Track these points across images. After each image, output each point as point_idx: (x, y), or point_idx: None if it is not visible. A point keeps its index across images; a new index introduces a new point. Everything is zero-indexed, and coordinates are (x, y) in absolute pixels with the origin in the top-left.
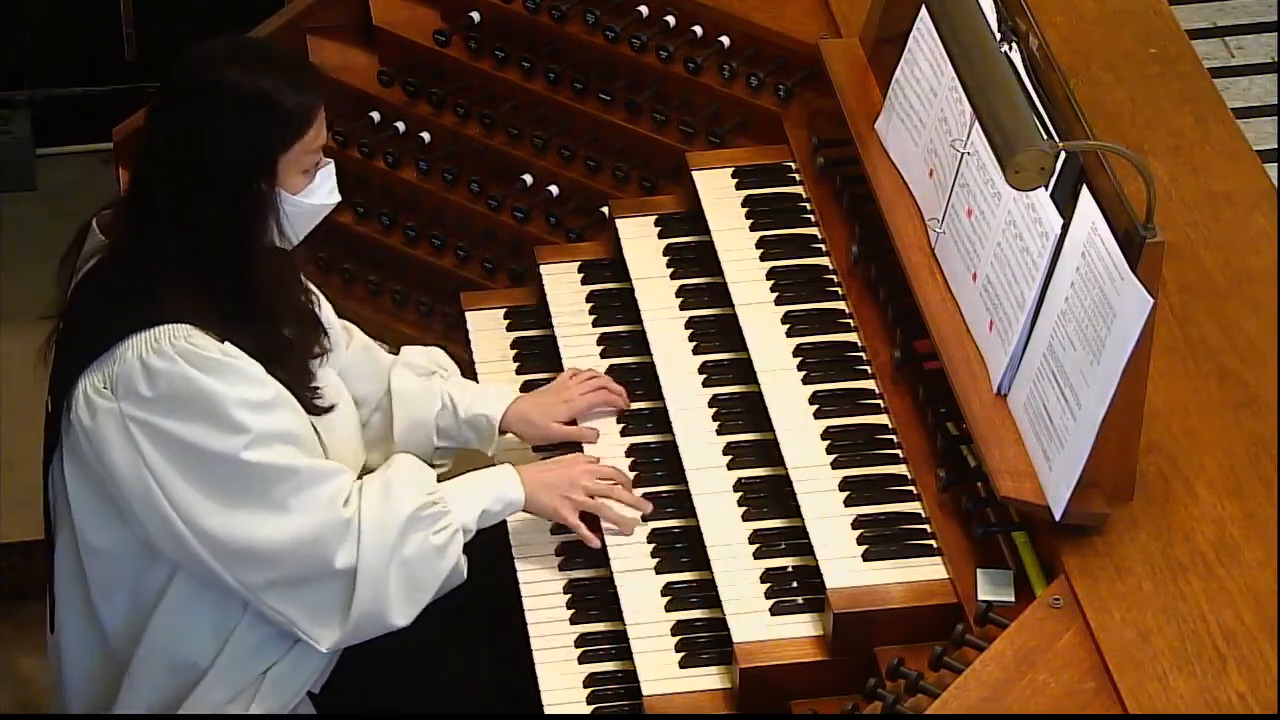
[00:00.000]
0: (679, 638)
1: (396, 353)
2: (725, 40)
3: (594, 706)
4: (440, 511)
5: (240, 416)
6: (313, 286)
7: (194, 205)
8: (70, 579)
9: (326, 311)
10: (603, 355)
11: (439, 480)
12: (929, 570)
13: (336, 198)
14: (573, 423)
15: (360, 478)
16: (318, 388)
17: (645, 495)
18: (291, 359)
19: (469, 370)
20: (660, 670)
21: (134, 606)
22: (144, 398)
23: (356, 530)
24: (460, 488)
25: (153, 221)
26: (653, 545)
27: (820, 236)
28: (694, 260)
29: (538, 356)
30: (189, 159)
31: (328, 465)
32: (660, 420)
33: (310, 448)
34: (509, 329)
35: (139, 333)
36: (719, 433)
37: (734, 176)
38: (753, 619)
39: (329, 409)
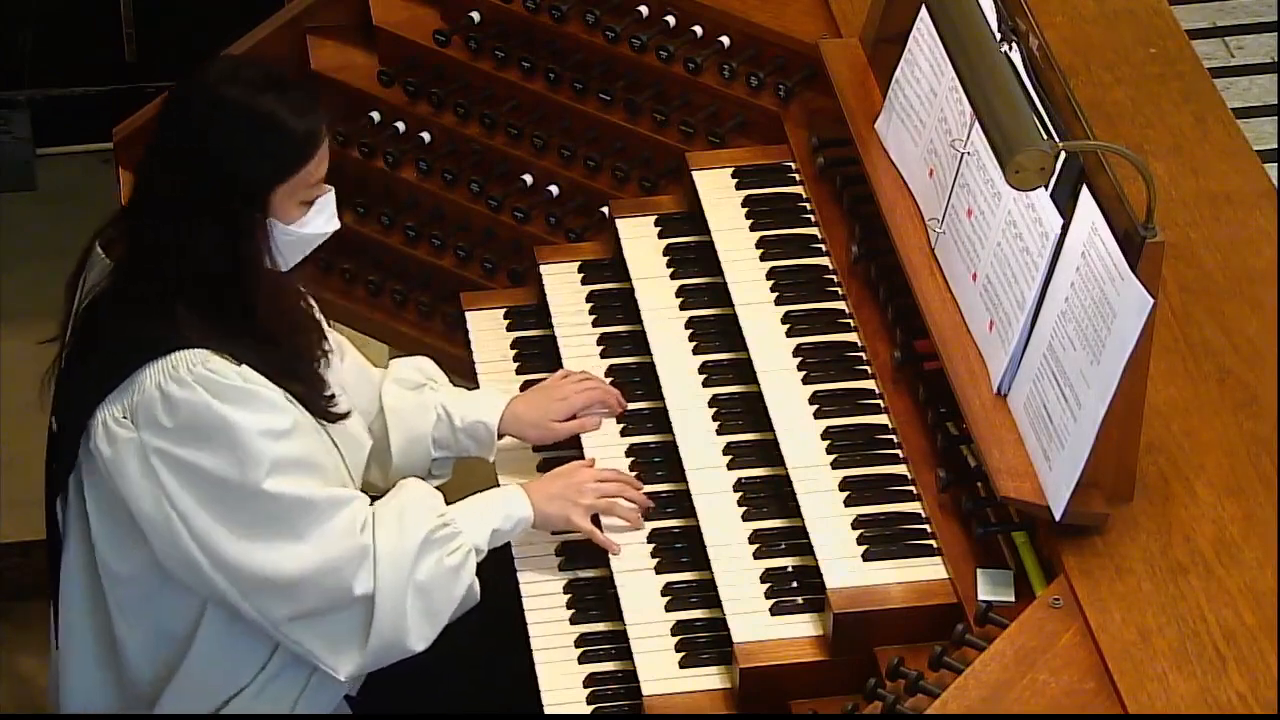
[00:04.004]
0: (679, 638)
1: (392, 358)
2: (725, 40)
3: (594, 706)
4: (452, 533)
5: (260, 446)
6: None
7: (193, 225)
8: (79, 601)
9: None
10: (603, 355)
11: (440, 493)
12: (929, 570)
13: (333, 226)
14: (571, 419)
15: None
16: (333, 395)
17: (645, 495)
18: (302, 369)
19: (469, 370)
20: (660, 670)
21: (159, 636)
22: (164, 428)
23: (373, 558)
24: (469, 508)
25: (154, 243)
26: (653, 545)
27: (820, 236)
28: (694, 260)
29: (538, 356)
30: (189, 174)
31: (343, 493)
32: (660, 420)
33: (329, 470)
34: (509, 329)
35: (156, 361)
36: (719, 433)
37: (734, 176)
38: (753, 619)
39: (346, 414)
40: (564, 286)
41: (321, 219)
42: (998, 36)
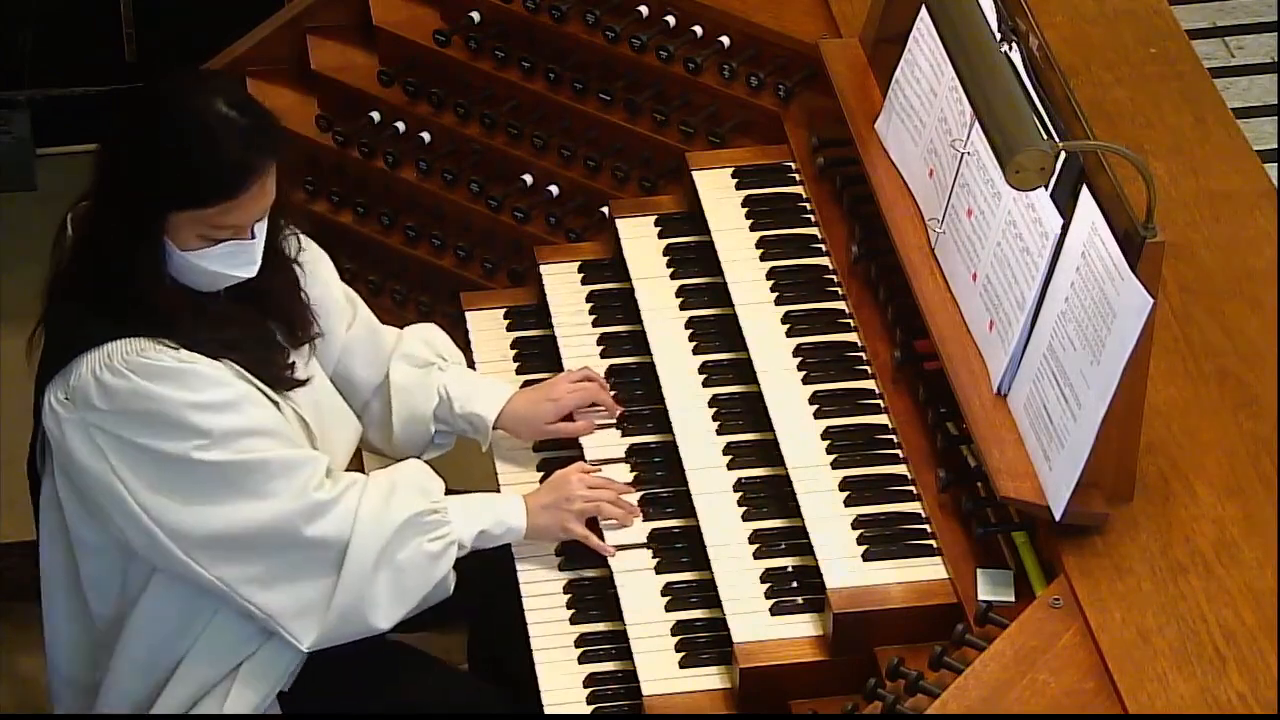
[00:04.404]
0: (679, 638)
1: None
2: (725, 40)
3: (594, 706)
4: (440, 520)
5: (196, 420)
6: (312, 252)
7: (107, 217)
8: (58, 576)
9: (329, 278)
10: (603, 355)
11: (442, 480)
12: (929, 570)
13: (241, 274)
14: (568, 418)
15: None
16: (293, 363)
17: (645, 495)
18: (247, 343)
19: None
20: (660, 670)
21: (122, 599)
22: (101, 410)
23: (349, 518)
24: (463, 504)
25: (87, 231)
26: (653, 545)
27: (820, 236)
28: (694, 260)
29: (538, 356)
30: (117, 166)
31: (298, 454)
32: (660, 420)
33: (284, 437)
34: (509, 329)
35: (92, 349)
36: (719, 433)
37: (734, 176)
38: (753, 619)
39: (304, 381)
40: (564, 286)
41: (224, 261)
42: (998, 36)
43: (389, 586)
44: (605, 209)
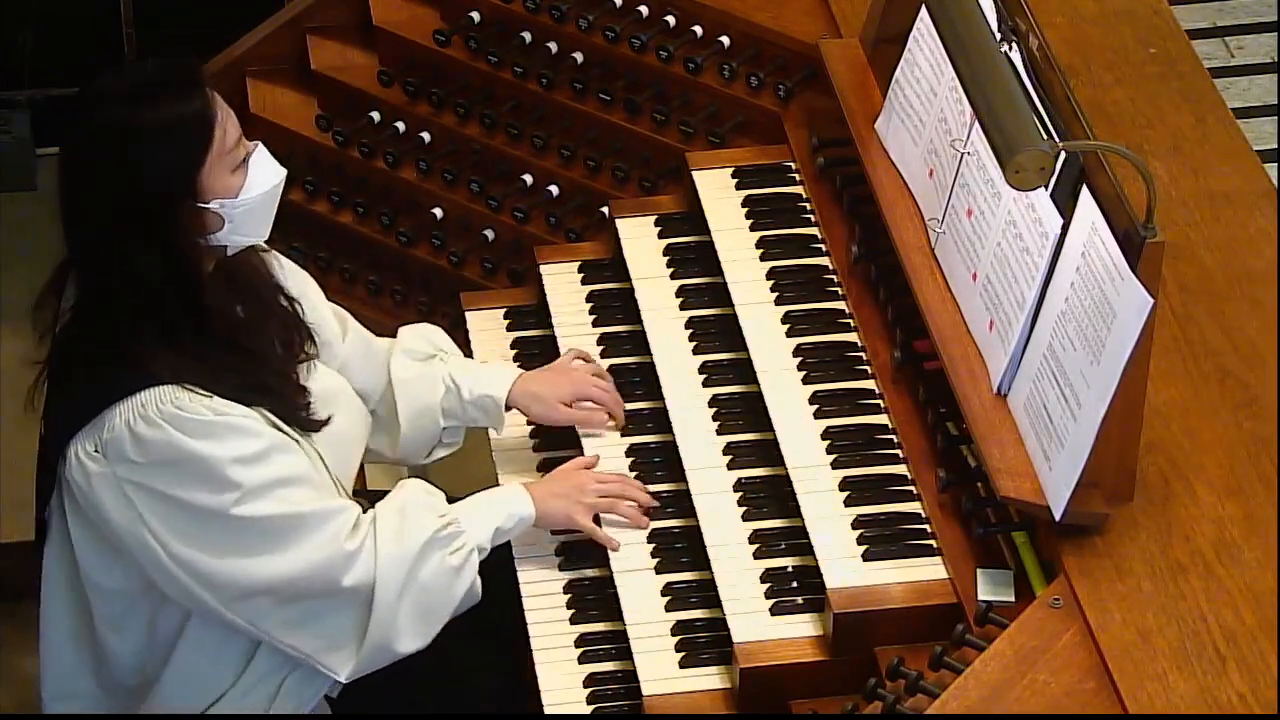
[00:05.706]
0: (679, 638)
1: (393, 335)
2: (725, 40)
3: (594, 706)
4: (455, 532)
5: (233, 474)
6: (299, 277)
7: (128, 252)
8: (60, 607)
9: (316, 300)
10: (603, 355)
11: (441, 491)
12: (929, 570)
13: (279, 175)
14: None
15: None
16: (309, 403)
17: (648, 495)
18: (276, 384)
19: None
20: (660, 670)
21: (151, 640)
22: (136, 463)
23: (372, 559)
24: (472, 507)
25: (97, 280)
26: (653, 545)
27: (820, 236)
28: (694, 260)
29: (538, 356)
30: (106, 208)
31: (330, 505)
32: (660, 420)
33: (314, 481)
34: (509, 329)
35: (125, 400)
36: (719, 433)
37: (734, 176)
38: (753, 619)
39: (326, 422)
40: (564, 286)
41: (263, 173)
42: (998, 36)
43: (416, 610)
44: (605, 209)
